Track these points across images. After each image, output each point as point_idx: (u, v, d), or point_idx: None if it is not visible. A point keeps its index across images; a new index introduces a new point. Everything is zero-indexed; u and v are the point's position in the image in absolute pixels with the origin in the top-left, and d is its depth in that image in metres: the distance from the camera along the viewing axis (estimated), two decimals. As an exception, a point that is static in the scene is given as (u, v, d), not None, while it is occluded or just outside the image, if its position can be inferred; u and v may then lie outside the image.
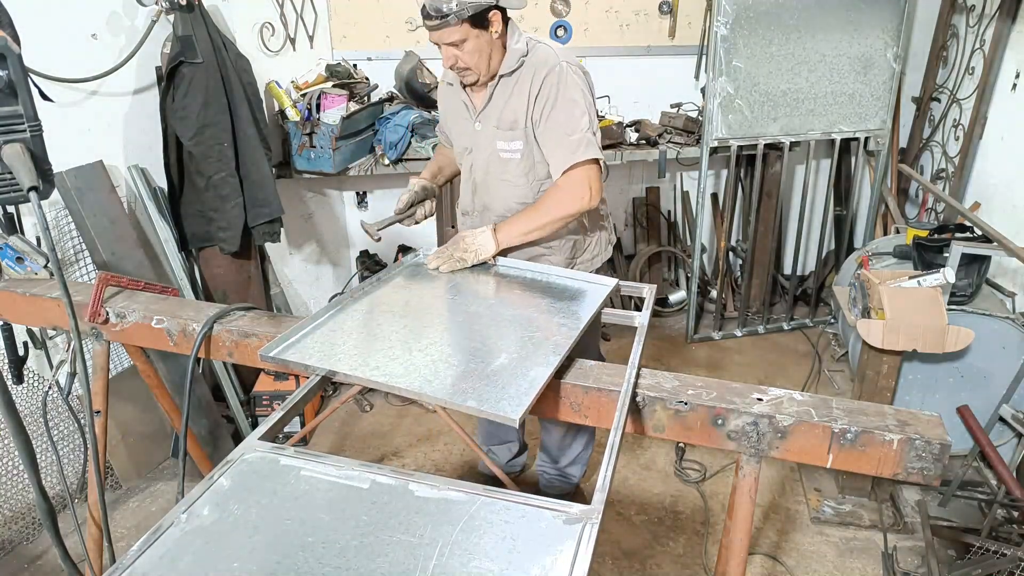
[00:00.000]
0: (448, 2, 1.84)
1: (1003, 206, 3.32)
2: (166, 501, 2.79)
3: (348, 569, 1.00)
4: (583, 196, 1.98)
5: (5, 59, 1.36)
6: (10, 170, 1.40)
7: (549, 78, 1.96)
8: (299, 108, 3.30)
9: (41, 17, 2.48)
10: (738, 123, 3.66)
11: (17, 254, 1.88)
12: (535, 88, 1.98)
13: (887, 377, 2.56)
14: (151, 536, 1.04)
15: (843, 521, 2.69)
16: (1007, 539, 2.24)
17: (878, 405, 1.43)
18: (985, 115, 3.51)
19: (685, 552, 2.58)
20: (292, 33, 3.47)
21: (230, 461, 1.21)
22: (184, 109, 2.77)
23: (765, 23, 3.52)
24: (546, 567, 1.00)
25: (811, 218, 4.24)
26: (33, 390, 2.54)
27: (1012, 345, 2.61)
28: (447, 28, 1.87)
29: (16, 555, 2.53)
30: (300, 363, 1.46)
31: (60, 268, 1.62)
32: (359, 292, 1.85)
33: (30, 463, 1.76)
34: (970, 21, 3.66)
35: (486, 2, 1.88)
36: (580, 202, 1.99)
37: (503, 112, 2.05)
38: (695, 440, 1.46)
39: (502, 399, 1.35)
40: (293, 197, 3.72)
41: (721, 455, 3.01)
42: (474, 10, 1.87)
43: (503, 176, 2.13)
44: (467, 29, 1.89)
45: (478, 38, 1.93)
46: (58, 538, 1.84)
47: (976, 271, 2.66)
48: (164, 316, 1.76)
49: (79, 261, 2.69)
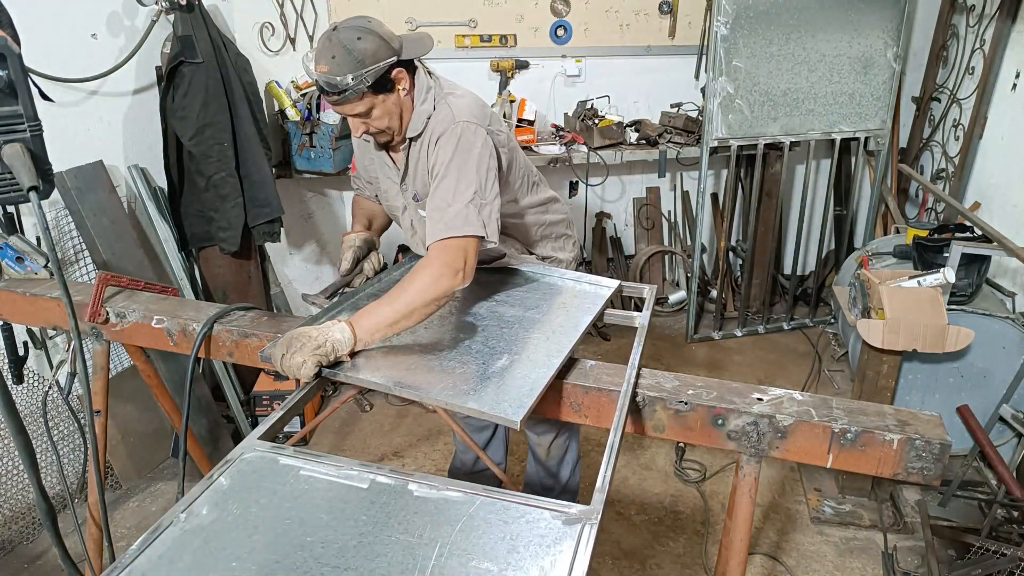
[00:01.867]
0: (343, 76, 1.63)
1: (1003, 206, 3.31)
2: (166, 501, 2.79)
3: (347, 569, 1.00)
4: (455, 274, 1.64)
5: (5, 59, 1.36)
6: (10, 170, 1.40)
7: (441, 142, 1.75)
8: (299, 108, 3.30)
9: (41, 17, 2.48)
10: (738, 123, 3.66)
11: (17, 254, 1.88)
12: (431, 156, 1.78)
13: (887, 377, 2.56)
14: (151, 535, 1.04)
15: (843, 521, 2.68)
16: (1007, 539, 2.24)
17: (878, 405, 1.43)
18: (985, 115, 3.51)
19: (685, 552, 2.58)
20: (292, 33, 3.47)
21: (230, 461, 1.21)
22: (184, 109, 2.78)
23: (765, 23, 3.52)
24: (545, 567, 1.00)
25: (811, 218, 4.24)
26: (33, 390, 2.54)
27: (1012, 345, 2.60)
28: (348, 103, 1.69)
29: (16, 555, 2.53)
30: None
31: (60, 268, 1.62)
32: (361, 292, 1.85)
33: (30, 463, 1.76)
34: (970, 21, 3.66)
35: (384, 64, 1.67)
36: (450, 281, 1.63)
37: (415, 181, 1.88)
38: (695, 440, 1.46)
39: (503, 401, 1.35)
40: (293, 197, 3.72)
41: (721, 455, 3.01)
42: (374, 77, 1.66)
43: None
44: (371, 98, 1.71)
45: (384, 103, 1.73)
46: (58, 538, 1.84)
47: (976, 271, 2.66)
48: (164, 316, 1.76)
49: (79, 261, 2.69)
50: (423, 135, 1.81)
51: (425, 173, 1.82)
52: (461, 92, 1.85)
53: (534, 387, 1.39)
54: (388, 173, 1.97)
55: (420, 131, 1.80)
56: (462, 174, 1.71)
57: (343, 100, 1.68)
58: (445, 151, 1.73)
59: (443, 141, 1.74)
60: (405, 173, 1.90)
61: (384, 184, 2.02)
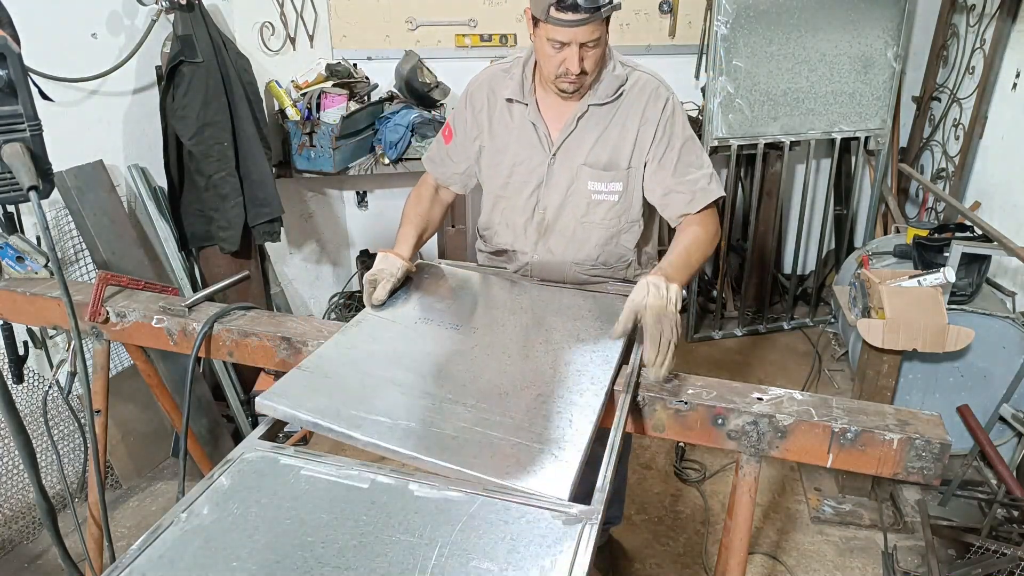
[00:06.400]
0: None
1: (1003, 206, 3.31)
2: (166, 500, 2.79)
3: (348, 569, 1.00)
4: (717, 236, 1.75)
5: (5, 58, 1.36)
6: (10, 169, 1.40)
7: (668, 108, 1.72)
8: (299, 107, 3.30)
9: (41, 17, 2.47)
10: (738, 122, 3.66)
11: (17, 253, 1.88)
12: (646, 125, 1.71)
13: (887, 377, 2.56)
14: (151, 535, 1.04)
15: (843, 520, 2.68)
16: (1007, 539, 2.24)
17: (878, 405, 1.43)
18: (985, 115, 3.50)
19: (685, 552, 2.58)
20: (292, 32, 3.47)
21: (230, 460, 1.21)
22: (184, 108, 2.77)
23: (765, 22, 3.52)
24: (545, 567, 1.00)
25: (811, 217, 4.24)
26: (33, 390, 2.54)
27: (1012, 345, 2.60)
28: (593, 23, 1.53)
29: (16, 554, 2.53)
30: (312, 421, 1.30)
31: (60, 267, 1.62)
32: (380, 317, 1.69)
33: (30, 463, 1.76)
34: (970, 20, 3.66)
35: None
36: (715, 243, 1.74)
37: (595, 149, 1.75)
38: (695, 440, 1.46)
39: (541, 462, 1.20)
40: (293, 197, 3.72)
41: (721, 455, 3.01)
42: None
43: (588, 218, 1.82)
44: (604, 27, 1.58)
45: (605, 37, 1.62)
46: (58, 537, 1.84)
47: (976, 271, 2.66)
48: (164, 315, 1.76)
49: (79, 260, 2.69)
50: (613, 102, 1.73)
51: (619, 142, 1.73)
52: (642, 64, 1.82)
53: (577, 445, 1.24)
54: (530, 140, 1.79)
55: (611, 97, 1.72)
56: (694, 140, 1.77)
57: (592, 18, 1.52)
58: (670, 121, 1.74)
59: (670, 107, 1.74)
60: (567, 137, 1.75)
61: (519, 157, 1.81)
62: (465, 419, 1.30)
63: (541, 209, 1.83)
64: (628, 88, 1.73)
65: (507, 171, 1.84)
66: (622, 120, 1.73)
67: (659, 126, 1.72)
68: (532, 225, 1.86)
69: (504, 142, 1.83)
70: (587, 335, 1.63)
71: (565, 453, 1.22)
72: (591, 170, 1.76)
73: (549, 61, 1.63)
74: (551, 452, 1.22)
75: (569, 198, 1.80)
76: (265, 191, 3.01)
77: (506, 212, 1.90)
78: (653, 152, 1.74)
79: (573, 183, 1.78)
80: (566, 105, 1.75)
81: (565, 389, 1.42)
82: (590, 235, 1.84)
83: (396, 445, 1.23)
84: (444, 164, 1.96)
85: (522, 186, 1.83)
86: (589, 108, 1.72)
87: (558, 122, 1.77)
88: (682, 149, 1.74)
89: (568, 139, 1.75)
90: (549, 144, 1.77)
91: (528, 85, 1.78)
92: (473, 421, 1.30)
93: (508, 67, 1.84)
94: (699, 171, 1.74)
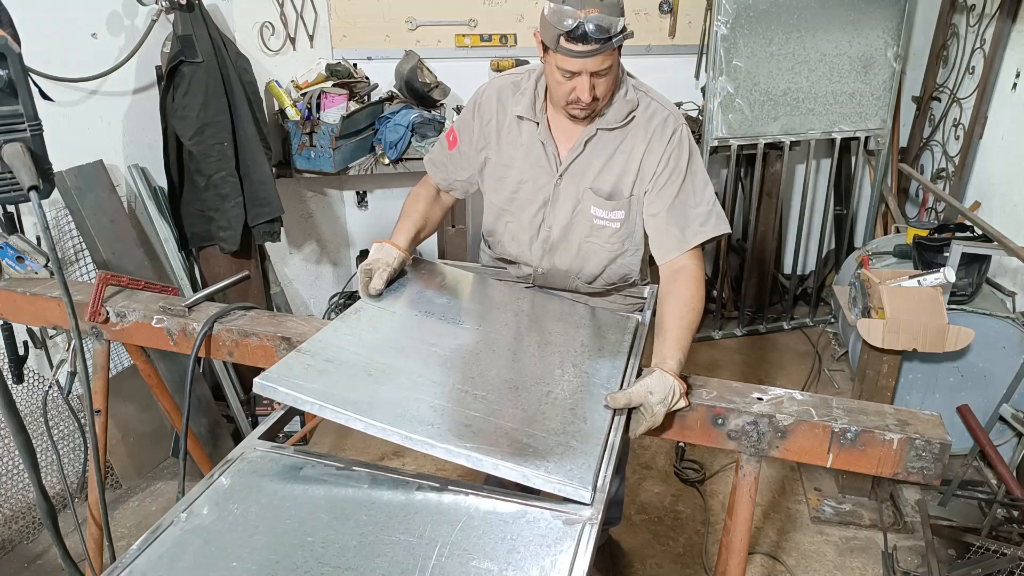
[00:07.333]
0: (616, 19, 1.49)
1: (1003, 206, 3.31)
2: (166, 500, 2.79)
3: (348, 569, 1.00)
4: (702, 287, 1.67)
5: (5, 58, 1.36)
6: (10, 169, 1.40)
7: (676, 139, 1.69)
8: (299, 107, 3.30)
9: (41, 17, 2.47)
10: (738, 122, 3.65)
11: (17, 253, 1.88)
12: (650, 155, 1.70)
13: (887, 377, 2.56)
14: (151, 535, 1.04)
15: (843, 520, 2.68)
16: (1007, 538, 2.24)
17: (878, 405, 1.43)
18: (985, 115, 3.50)
19: (685, 552, 2.58)
20: (292, 32, 3.47)
21: (230, 460, 1.21)
22: (184, 108, 2.77)
23: (765, 22, 3.52)
24: (545, 567, 1.00)
25: (811, 217, 4.24)
26: (33, 390, 2.54)
27: (1012, 345, 2.60)
28: (603, 54, 1.52)
29: (16, 554, 2.53)
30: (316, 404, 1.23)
31: (60, 267, 1.62)
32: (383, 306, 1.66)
33: (30, 462, 1.76)
34: (970, 20, 3.66)
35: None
36: (702, 292, 1.66)
37: (601, 175, 1.73)
38: (695, 440, 1.46)
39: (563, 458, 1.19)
40: (293, 196, 3.72)
41: (721, 455, 3.01)
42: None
43: (592, 239, 1.80)
44: (615, 54, 1.58)
45: (617, 63, 1.61)
46: (58, 537, 1.84)
47: (976, 270, 2.66)
48: (164, 315, 1.76)
49: (79, 260, 2.69)
50: (623, 128, 1.71)
51: (622, 170, 1.71)
52: (653, 91, 1.76)
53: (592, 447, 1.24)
54: (538, 159, 1.77)
55: (621, 123, 1.70)
56: (697, 174, 1.73)
57: (603, 49, 1.51)
58: (683, 150, 1.70)
59: (676, 139, 1.70)
60: (574, 160, 1.73)
61: (526, 173, 1.79)
62: (477, 409, 1.29)
63: (547, 227, 1.82)
64: (639, 114, 1.71)
65: (513, 187, 1.83)
66: (629, 147, 1.72)
67: (663, 158, 1.70)
68: (538, 241, 1.85)
69: (510, 157, 1.81)
70: (592, 343, 1.64)
71: (584, 446, 1.22)
72: (595, 196, 1.75)
73: (559, 88, 1.62)
74: (569, 444, 1.22)
75: (575, 218, 1.79)
76: (265, 191, 3.01)
77: (511, 226, 1.88)
78: (654, 183, 1.72)
79: (579, 204, 1.77)
80: (576, 126, 1.74)
81: (575, 389, 1.42)
82: (594, 254, 1.83)
83: (408, 431, 1.19)
84: (446, 169, 1.94)
85: (528, 203, 1.82)
86: (598, 132, 1.71)
87: (568, 142, 1.76)
88: (682, 186, 1.71)
89: (575, 162, 1.74)
90: (557, 164, 1.76)
91: (540, 103, 1.76)
92: (486, 411, 1.28)
93: (518, 80, 1.81)
94: (696, 209, 1.71)
